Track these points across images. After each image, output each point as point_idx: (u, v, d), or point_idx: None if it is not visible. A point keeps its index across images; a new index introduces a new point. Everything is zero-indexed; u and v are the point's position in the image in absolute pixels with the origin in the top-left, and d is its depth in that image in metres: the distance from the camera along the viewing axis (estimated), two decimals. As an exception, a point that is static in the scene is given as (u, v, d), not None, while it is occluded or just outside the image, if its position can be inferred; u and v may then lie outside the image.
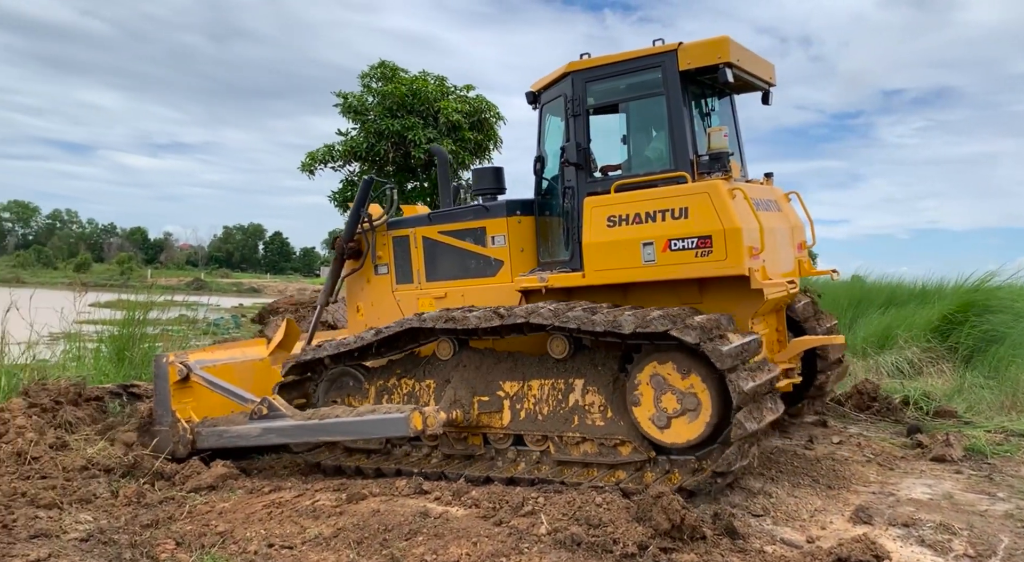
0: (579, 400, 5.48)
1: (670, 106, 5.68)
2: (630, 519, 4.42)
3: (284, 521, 4.87)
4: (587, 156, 6.03)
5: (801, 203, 6.85)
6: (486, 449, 5.90)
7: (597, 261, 5.64)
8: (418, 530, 4.50)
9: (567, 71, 6.11)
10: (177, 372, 6.56)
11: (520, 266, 6.42)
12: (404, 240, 7.04)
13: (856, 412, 8.01)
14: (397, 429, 5.46)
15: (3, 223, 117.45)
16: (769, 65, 6.46)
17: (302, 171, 16.73)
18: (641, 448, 5.25)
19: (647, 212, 5.45)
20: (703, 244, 5.24)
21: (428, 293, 6.88)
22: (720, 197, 5.23)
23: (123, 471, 5.80)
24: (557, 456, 5.57)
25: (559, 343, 5.52)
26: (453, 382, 5.90)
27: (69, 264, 76.19)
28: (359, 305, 7.43)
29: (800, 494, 5.33)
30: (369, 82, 16.81)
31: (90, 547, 4.40)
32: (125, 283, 24.34)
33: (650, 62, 5.78)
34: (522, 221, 6.51)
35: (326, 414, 5.86)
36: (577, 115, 6.03)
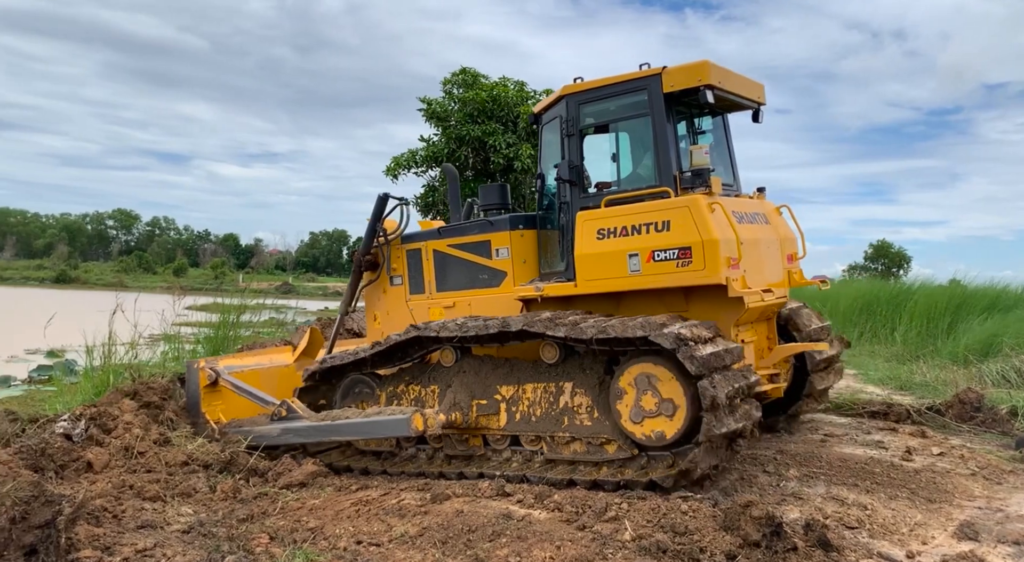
0: (568, 402, 5.83)
1: (655, 126, 6.03)
2: (717, 527, 4.32)
3: (371, 519, 4.98)
4: (580, 173, 6.38)
5: (792, 216, 7.08)
6: (486, 449, 6.25)
7: (588, 271, 5.99)
8: (501, 532, 4.52)
9: (562, 94, 6.48)
10: (207, 377, 7.13)
11: (522, 277, 6.77)
12: (416, 253, 7.46)
13: (957, 422, 7.60)
14: (399, 430, 5.87)
15: (108, 230, 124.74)
16: (757, 85, 6.77)
17: (387, 175, 17.13)
18: (625, 446, 5.55)
19: (633, 225, 5.82)
20: (684, 255, 5.59)
21: (438, 303, 7.26)
22: (699, 211, 5.56)
23: (220, 467, 6.05)
24: (550, 455, 5.88)
25: (550, 349, 5.86)
26: (454, 386, 6.28)
27: (167, 269, 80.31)
28: (376, 314, 7.83)
29: (897, 507, 5.10)
30: (451, 88, 17.07)
31: (191, 539, 4.61)
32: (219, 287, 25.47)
33: (636, 85, 6.13)
34: (524, 234, 6.89)
35: (337, 416, 6.33)
36: (571, 135, 6.39)
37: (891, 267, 57.53)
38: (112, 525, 4.63)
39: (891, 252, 60.79)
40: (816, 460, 6.26)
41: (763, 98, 6.84)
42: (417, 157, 16.93)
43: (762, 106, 6.87)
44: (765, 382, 6.27)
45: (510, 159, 15.92)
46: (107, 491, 5.26)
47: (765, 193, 7.08)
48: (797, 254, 6.95)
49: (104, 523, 4.59)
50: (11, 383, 14.16)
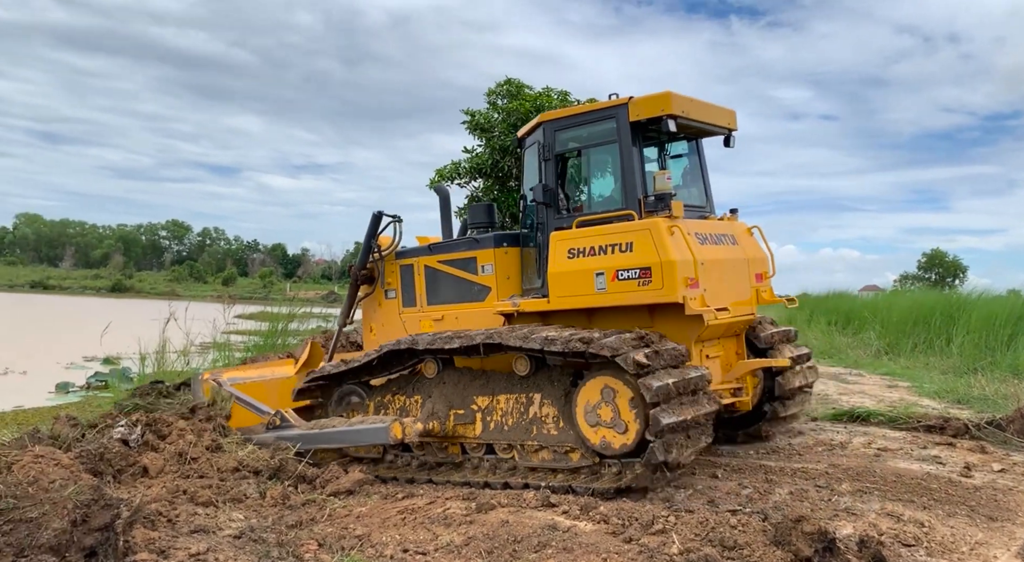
0: (537, 412, 6.16)
1: (622, 152, 6.40)
2: (767, 542, 4.24)
3: (417, 527, 5.01)
4: (554, 196, 6.75)
5: (762, 237, 7.37)
6: (464, 457, 6.57)
7: (559, 288, 6.35)
8: (547, 543, 4.50)
9: (540, 121, 6.92)
10: (211, 389, 7.55)
11: (505, 292, 7.13)
12: (409, 268, 7.87)
13: (1020, 438, 7.32)
14: (379, 437, 6.28)
15: (161, 241, 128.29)
16: (727, 112, 7.08)
17: (430, 188, 17.25)
18: (587, 454, 5.87)
19: (600, 245, 6.19)
20: (644, 274, 5.93)
21: (428, 316, 7.64)
22: (659, 233, 5.92)
23: (270, 473, 6.16)
24: (521, 462, 6.22)
25: (523, 362, 6.19)
26: (433, 397, 6.67)
27: (217, 278, 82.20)
28: (372, 326, 8.23)
29: (956, 524, 4.93)
30: (495, 99, 17.14)
31: (242, 544, 4.69)
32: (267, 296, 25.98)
33: (606, 114, 6.52)
34: (508, 252, 7.27)
35: (325, 425, 6.75)
36: (547, 160, 6.78)
37: (945, 277, 55.93)
38: (167, 529, 4.74)
39: (945, 261, 59.13)
40: (870, 475, 6.11)
41: (734, 124, 7.16)
42: (460, 168, 17.03)
43: (733, 131, 7.18)
44: (728, 395, 6.68)
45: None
46: (162, 496, 5.39)
47: (737, 214, 7.39)
48: (767, 273, 7.24)
49: (159, 527, 4.70)
50: (70, 389, 14.63)
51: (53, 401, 13.51)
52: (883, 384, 11.71)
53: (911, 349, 14.64)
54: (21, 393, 13.97)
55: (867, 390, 10.99)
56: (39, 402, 13.17)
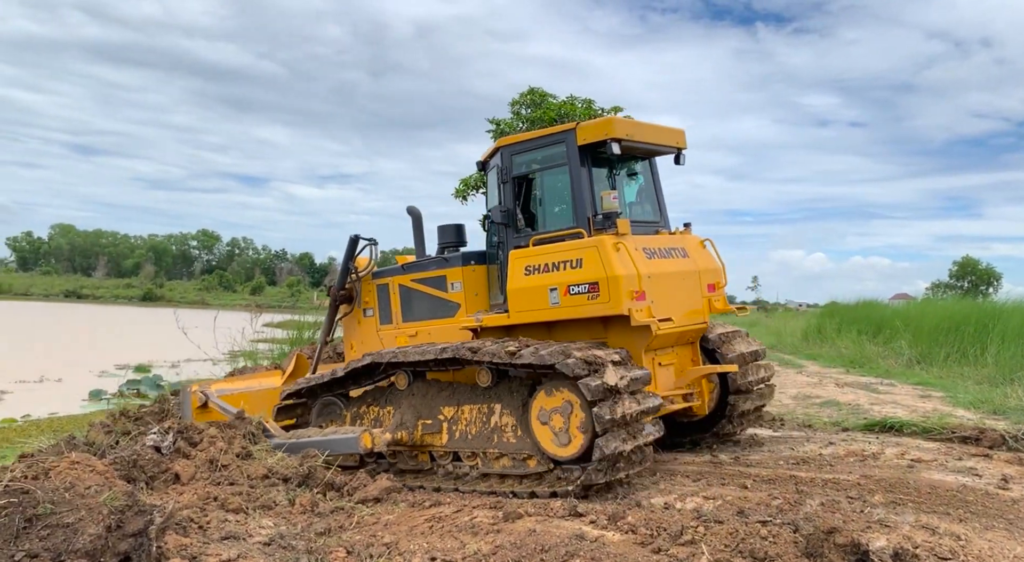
0: (497, 421, 6.49)
1: (571, 174, 6.79)
2: (799, 554, 4.18)
3: (445, 535, 5.02)
4: (512, 216, 7.11)
5: (715, 249, 7.70)
6: (432, 464, 6.92)
7: (518, 304, 6.70)
8: (574, 553, 4.48)
9: (498, 146, 7.33)
10: (198, 400, 7.99)
11: (473, 308, 7.46)
12: (385, 287, 8.25)
13: (1058, 449, 7.16)
14: (350, 447, 6.61)
15: (191, 250, 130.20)
16: (675, 132, 7.46)
17: (455, 197, 17.33)
18: (542, 461, 6.22)
19: (552, 262, 6.56)
20: (593, 289, 6.30)
21: (404, 332, 8.00)
22: (605, 250, 6.28)
23: (298, 480, 6.20)
24: (484, 469, 6.54)
25: (484, 374, 6.51)
26: (402, 408, 7.00)
27: (246, 287, 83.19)
28: (353, 343, 8.55)
29: (994, 538, 4.82)
30: (519, 109, 17.22)
31: (272, 551, 4.73)
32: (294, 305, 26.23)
33: (556, 139, 6.92)
34: (476, 269, 7.61)
35: (301, 435, 7.07)
36: (505, 182, 7.17)
37: (978, 285, 54.90)
38: (198, 535, 4.80)
39: (978, 269, 58.08)
40: (903, 486, 6.00)
41: (683, 143, 7.53)
42: (485, 177, 17.10)
43: (683, 150, 7.54)
44: (679, 400, 7.04)
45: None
46: (193, 502, 5.46)
47: (691, 228, 7.79)
48: (720, 283, 7.52)
49: (191, 533, 4.75)
50: (103, 397, 14.87)
51: (87, 408, 13.75)
52: (915, 394, 11.51)
53: (944, 359, 14.38)
54: (56, 400, 14.25)
55: (899, 400, 10.81)
56: (73, 409, 13.42)
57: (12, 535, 4.01)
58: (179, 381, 15.77)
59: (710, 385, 7.43)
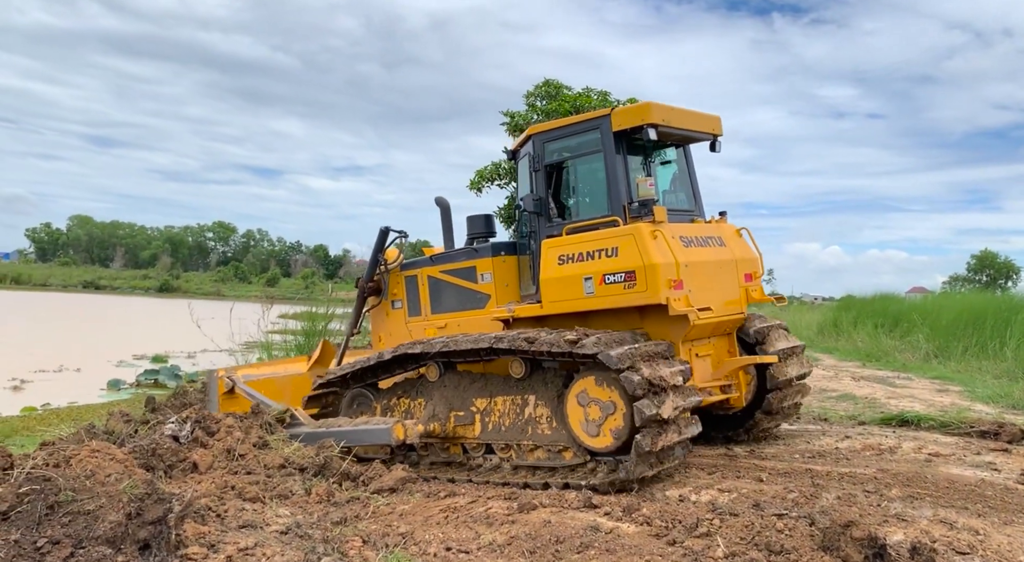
0: (532, 413, 6.42)
1: (606, 161, 6.66)
2: (815, 547, 4.17)
3: (460, 526, 5.04)
4: (544, 205, 6.99)
5: (751, 238, 7.49)
6: (464, 457, 6.83)
7: (551, 294, 6.58)
8: (589, 544, 4.49)
9: (530, 134, 7.20)
10: (224, 385, 7.90)
11: (503, 299, 7.35)
12: (413, 279, 8.15)
13: (1078, 444, 7.08)
14: (382, 438, 6.49)
15: (207, 242, 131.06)
16: (711, 118, 7.28)
17: (470, 189, 17.34)
18: (579, 453, 6.10)
19: (587, 251, 6.42)
20: (629, 277, 6.16)
21: (433, 324, 7.91)
22: (642, 238, 6.14)
23: (315, 470, 6.24)
24: (517, 461, 6.45)
25: (518, 365, 6.45)
26: (434, 399, 6.92)
27: (261, 279, 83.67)
28: (380, 335, 8.50)
29: (1013, 533, 4.78)
30: (534, 101, 17.18)
31: (289, 540, 4.76)
32: (309, 296, 26.37)
33: (590, 125, 6.80)
34: (506, 260, 7.52)
35: (331, 424, 6.97)
36: (537, 170, 7.05)
37: (997, 278, 54.30)
38: (216, 524, 4.84)
39: (997, 262, 57.43)
40: (921, 480, 5.96)
41: (719, 130, 7.34)
42: (500, 170, 17.09)
43: (719, 137, 7.37)
44: (717, 392, 6.86)
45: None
46: (211, 491, 5.50)
47: (727, 217, 7.57)
48: (757, 273, 7.37)
49: (209, 522, 4.80)
50: (121, 387, 15.03)
51: (105, 398, 13.90)
52: (933, 388, 11.42)
53: (962, 352, 14.24)
54: (75, 390, 14.41)
55: (916, 394, 10.73)
56: (92, 399, 13.57)
57: (35, 522, 4.07)
58: (196, 371, 15.91)
59: (747, 377, 7.24)
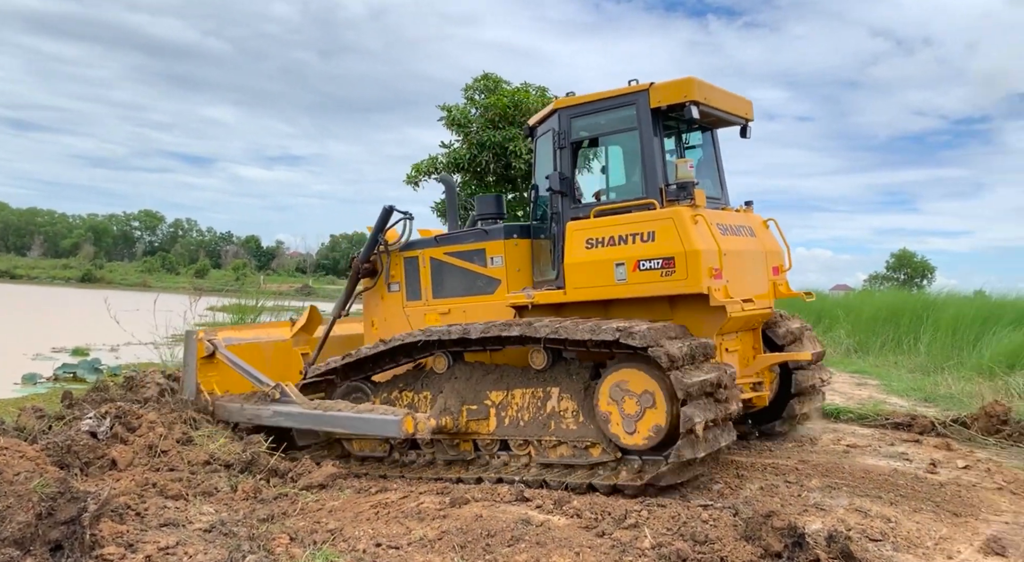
0: (555, 407, 6.00)
1: (642, 140, 6.20)
2: (738, 537, 4.28)
3: (390, 521, 5.00)
4: (571, 185, 6.54)
5: (779, 229, 7.19)
6: (476, 454, 6.36)
7: (577, 279, 6.15)
8: (520, 537, 4.52)
9: (555, 108, 6.70)
10: (205, 348, 7.26)
11: (515, 285, 6.90)
12: (414, 260, 7.60)
13: (984, 435, 7.49)
14: (389, 430, 5.97)
15: (133, 231, 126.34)
16: (745, 102, 6.93)
17: (407, 183, 17.16)
18: (608, 449, 5.71)
19: (620, 235, 5.98)
20: (667, 264, 5.75)
21: (434, 309, 7.41)
22: (683, 222, 5.73)
23: (241, 467, 6.09)
24: (538, 459, 6.01)
25: (539, 355, 6.05)
26: (445, 392, 6.44)
27: (190, 270, 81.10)
28: (374, 320, 7.92)
29: (922, 520, 5.02)
30: (472, 94, 17.10)
31: (212, 538, 4.64)
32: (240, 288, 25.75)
33: (625, 100, 6.31)
34: (519, 244, 7.06)
35: (330, 407, 6.45)
36: (563, 147, 6.57)
37: (913, 277, 56.83)
38: (135, 522, 4.68)
39: (914, 262, 60.08)
40: (839, 471, 6.20)
41: (751, 114, 7.00)
42: (438, 163, 16.97)
43: (750, 122, 7.03)
44: (748, 390, 6.50)
45: (531, 165, 15.93)
46: (131, 489, 5.32)
47: (752, 207, 7.22)
48: (783, 266, 7.07)
49: (128, 520, 4.63)
50: (37, 381, 14.36)
51: (19, 392, 13.25)
52: (852, 382, 11.88)
53: (880, 348, 14.88)
54: (-14, 384, 13.68)
55: (837, 388, 11.14)
56: (4, 394, 12.91)
57: (-65, 523, 3.85)
58: (119, 365, 15.33)
59: (771, 375, 6.96)
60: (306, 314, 8.18)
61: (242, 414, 6.85)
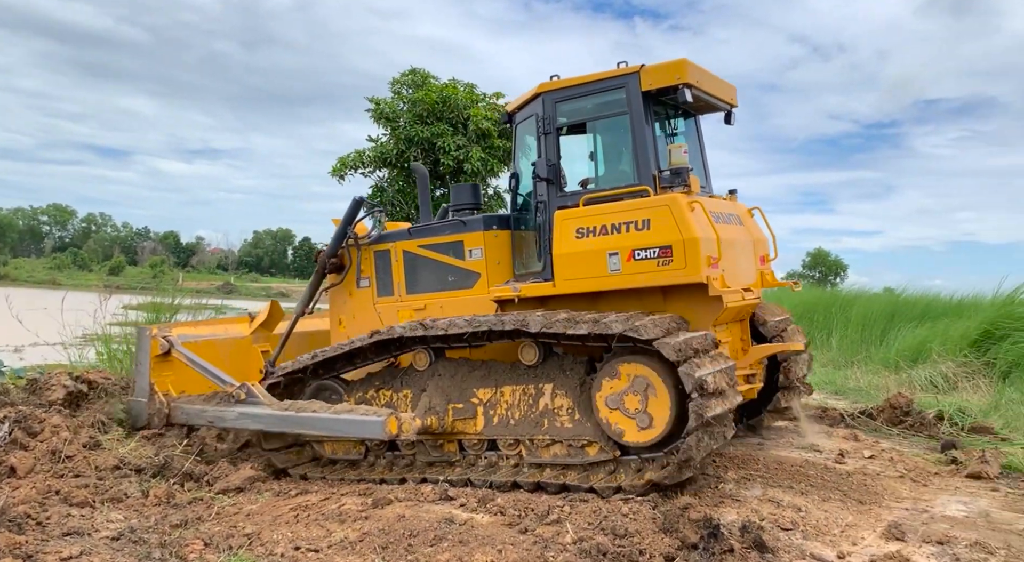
0: (548, 404, 5.75)
1: (633, 124, 5.99)
2: (657, 530, 4.37)
3: (311, 524, 4.90)
4: (557, 172, 6.28)
5: (764, 218, 7.10)
6: (461, 455, 6.09)
7: (567, 271, 5.91)
8: (443, 536, 4.50)
9: (538, 92, 6.40)
10: (159, 346, 6.78)
11: (496, 278, 6.63)
12: (385, 254, 7.21)
13: (888, 426, 7.87)
14: (372, 431, 5.62)
15: (41, 226, 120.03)
16: (730, 87, 6.76)
17: (332, 176, 16.86)
18: (607, 448, 5.51)
19: (612, 224, 5.75)
20: (664, 253, 5.54)
21: (408, 305, 7.04)
22: (680, 209, 5.52)
23: (153, 471, 5.87)
24: (529, 459, 5.78)
25: (530, 350, 5.80)
26: (428, 391, 6.12)
27: (103, 267, 77.57)
28: (341, 318, 7.50)
29: (830, 508, 5.24)
30: (400, 89, 16.92)
31: (121, 546, 4.45)
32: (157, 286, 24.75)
33: (614, 83, 6.09)
34: (498, 235, 6.75)
35: (303, 407, 6.01)
36: (548, 133, 6.31)
37: (828, 275, 59.35)
38: (36, 532, 4.45)
39: (828, 260, 62.73)
40: (753, 462, 6.40)
41: (735, 100, 6.88)
42: (364, 157, 16.73)
43: (734, 108, 6.90)
44: (742, 382, 6.32)
45: (460, 161, 15.87)
46: (31, 497, 5.05)
47: (737, 195, 7.09)
48: (769, 256, 6.98)
49: (27, 530, 4.41)
50: (-70, 384, 13.49)
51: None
52: (769, 376, 12.29)
53: (796, 343, 15.43)
54: None
55: (755, 382, 11.51)
56: None
57: None
58: (23, 367, 14.52)
59: (759, 366, 6.81)
60: (266, 310, 7.69)
61: (203, 417, 6.43)
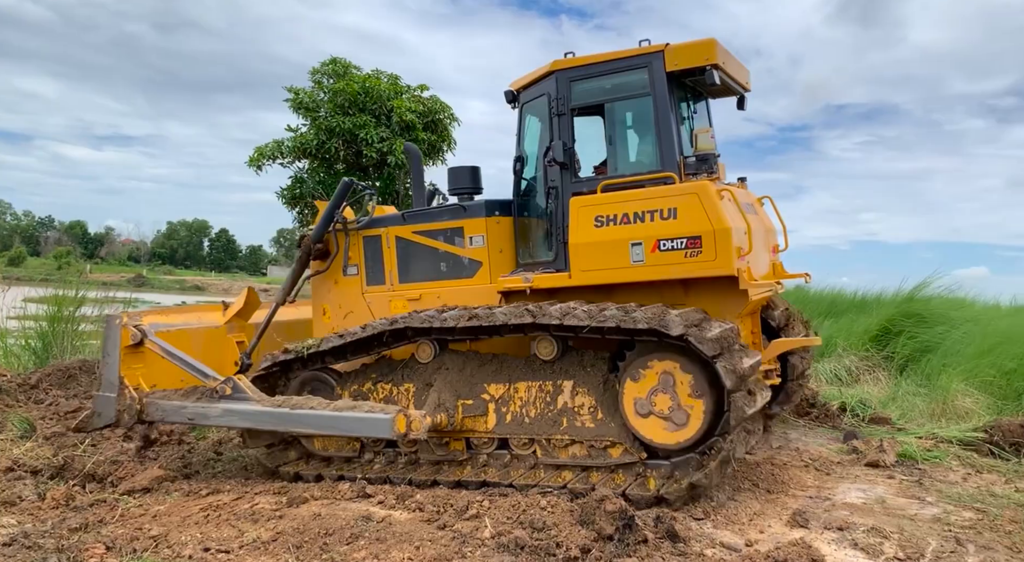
0: (568, 402, 5.45)
1: (657, 107, 5.69)
2: (574, 522, 4.43)
3: (221, 524, 4.75)
4: (572, 156, 5.97)
5: (774, 208, 6.90)
6: (469, 454, 5.78)
7: (584, 261, 5.61)
8: (360, 534, 4.44)
9: (551, 70, 6.06)
10: (130, 336, 6.19)
11: (499, 267, 6.28)
12: (375, 240, 6.76)
13: (795, 417, 8.20)
14: (379, 430, 5.28)
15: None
16: (746, 70, 6.51)
17: (249, 166, 16.34)
18: (632, 449, 5.26)
19: (636, 212, 5.45)
20: (693, 244, 5.26)
21: (401, 295, 6.63)
22: (710, 198, 5.26)
23: (52, 472, 5.58)
24: (545, 459, 5.53)
25: (547, 345, 5.48)
26: (436, 385, 5.77)
27: (2, 257, 73.17)
28: (326, 307, 7.05)
29: (740, 498, 5.42)
30: (320, 78, 16.55)
31: (12, 552, 4.21)
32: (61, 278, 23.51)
33: (637, 62, 5.78)
34: (500, 222, 6.38)
35: (299, 404, 5.61)
36: (562, 114, 5.99)
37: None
38: (-83, 540, 4.16)
39: (744, 258, 65.06)
40: (669, 455, 6.55)
41: (750, 85, 6.64)
42: (283, 148, 16.31)
43: (747, 93, 6.67)
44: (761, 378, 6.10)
45: (384, 153, 15.66)
46: (-87, 503, 4.72)
47: (746, 183, 6.79)
48: (778, 246, 6.86)
49: (-93, 539, 4.11)
50: None
51: None
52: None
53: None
54: None
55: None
56: None
57: None
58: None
59: (775, 362, 6.58)
60: (242, 297, 7.12)
61: (182, 413, 5.95)
